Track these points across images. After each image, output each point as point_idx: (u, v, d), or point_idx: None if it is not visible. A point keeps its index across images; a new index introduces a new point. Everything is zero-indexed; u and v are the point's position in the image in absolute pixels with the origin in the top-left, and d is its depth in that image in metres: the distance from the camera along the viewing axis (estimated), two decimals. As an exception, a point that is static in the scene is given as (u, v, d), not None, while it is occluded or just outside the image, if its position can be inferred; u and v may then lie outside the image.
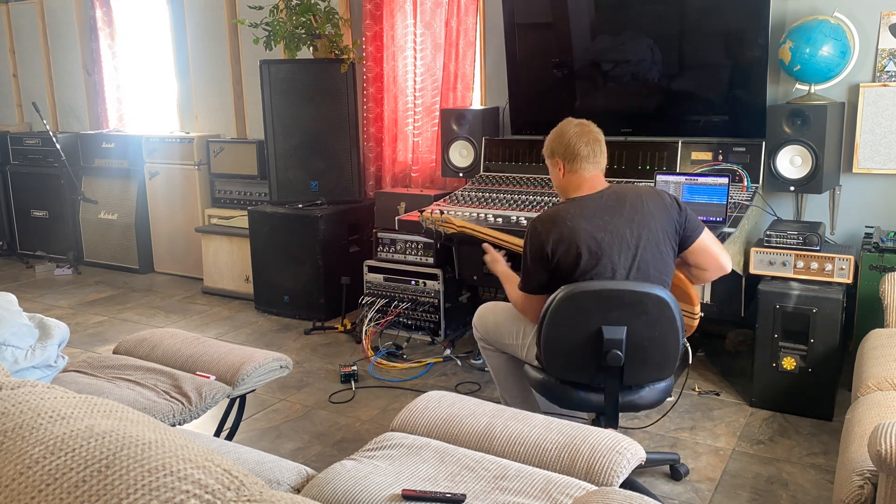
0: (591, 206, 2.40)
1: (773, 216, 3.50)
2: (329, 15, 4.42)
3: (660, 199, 2.44)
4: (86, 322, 4.60)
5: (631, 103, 3.86)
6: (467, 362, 3.76)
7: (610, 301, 2.26)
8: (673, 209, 2.43)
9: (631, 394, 2.39)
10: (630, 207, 2.39)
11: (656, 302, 2.25)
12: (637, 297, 2.25)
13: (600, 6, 3.85)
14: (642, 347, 2.29)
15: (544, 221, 2.42)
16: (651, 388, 2.41)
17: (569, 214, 2.39)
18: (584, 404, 2.44)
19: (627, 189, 2.52)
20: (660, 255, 2.39)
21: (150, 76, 6.09)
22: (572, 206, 2.42)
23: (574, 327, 2.30)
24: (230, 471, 1.07)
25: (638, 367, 2.32)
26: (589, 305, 2.28)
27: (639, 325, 2.26)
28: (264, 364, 2.48)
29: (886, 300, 2.79)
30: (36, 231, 6.24)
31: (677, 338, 2.30)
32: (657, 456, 2.73)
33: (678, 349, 2.33)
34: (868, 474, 1.73)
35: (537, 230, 2.42)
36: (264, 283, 4.65)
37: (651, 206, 2.41)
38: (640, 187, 2.52)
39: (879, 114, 3.40)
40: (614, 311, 2.26)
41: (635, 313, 2.26)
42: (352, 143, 4.57)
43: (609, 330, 2.25)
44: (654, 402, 2.47)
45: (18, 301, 2.45)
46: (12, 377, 1.36)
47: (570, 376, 2.41)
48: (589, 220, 2.36)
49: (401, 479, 1.71)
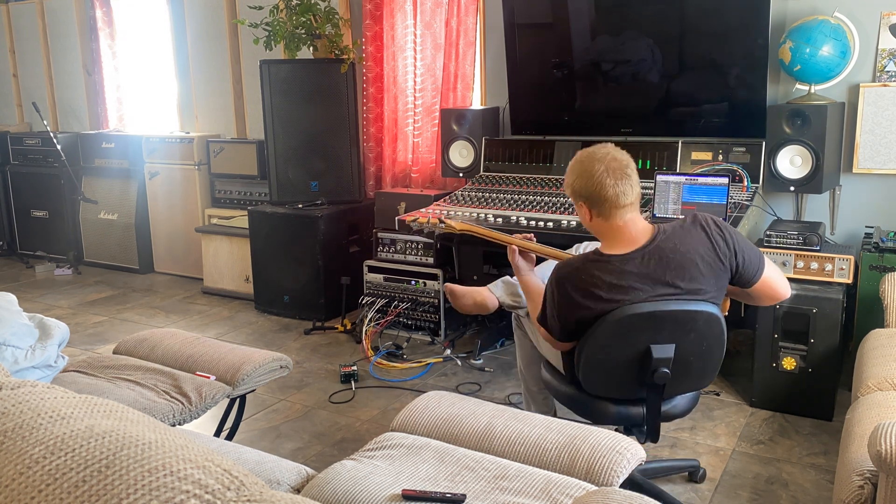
0: (628, 275, 2.07)
1: (773, 216, 3.50)
2: (329, 15, 4.42)
3: (711, 252, 2.11)
4: (86, 322, 4.60)
5: (631, 103, 3.86)
6: (467, 362, 3.76)
7: (662, 322, 2.11)
8: (727, 258, 2.13)
9: (666, 404, 2.30)
10: (674, 273, 2.08)
11: (707, 318, 2.13)
12: (689, 316, 2.11)
13: (600, 6, 3.85)
14: (687, 362, 2.18)
15: (571, 282, 2.12)
16: (682, 397, 2.33)
17: (602, 282, 2.08)
18: (621, 419, 2.31)
19: (672, 243, 2.10)
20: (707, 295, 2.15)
21: (150, 76, 6.09)
22: (605, 272, 2.09)
23: (621, 348, 2.15)
24: (230, 471, 1.07)
25: (680, 381, 2.23)
26: (639, 326, 2.11)
27: (687, 342, 2.15)
28: (264, 364, 2.48)
29: (886, 300, 2.79)
30: (36, 231, 6.24)
31: (722, 349, 2.21)
32: (677, 463, 2.73)
33: (721, 360, 2.24)
34: (868, 474, 1.73)
35: (560, 289, 2.14)
36: (264, 283, 4.65)
37: (702, 267, 2.10)
38: (687, 235, 2.12)
39: (879, 114, 3.40)
40: (665, 331, 2.13)
41: (685, 331, 2.13)
42: (352, 143, 4.57)
43: (658, 349, 2.12)
44: (686, 411, 2.37)
45: (18, 301, 2.45)
46: (12, 377, 1.36)
47: (613, 393, 2.28)
48: (625, 293, 2.08)
49: (401, 479, 1.71)
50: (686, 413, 2.40)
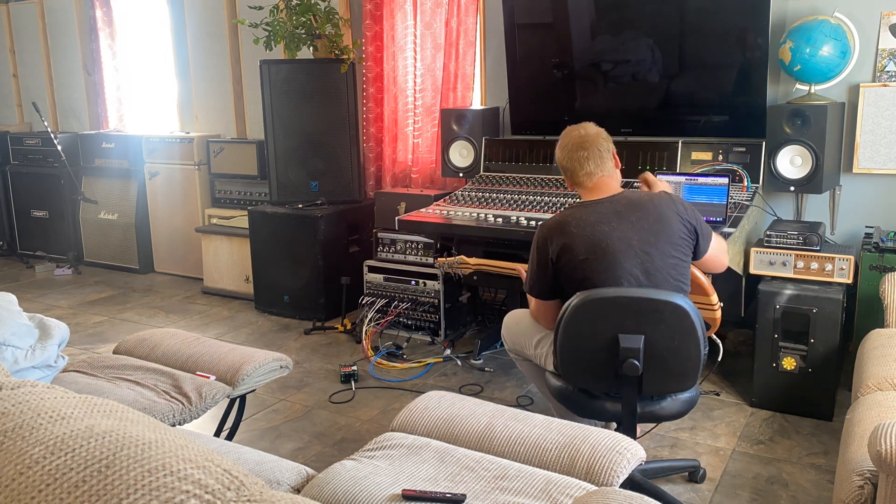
0: (598, 212, 2.36)
1: (773, 216, 3.50)
2: (329, 15, 4.42)
3: (672, 207, 2.39)
4: (86, 322, 4.60)
5: (631, 103, 3.86)
6: (467, 362, 3.76)
7: (626, 309, 2.19)
8: (686, 218, 2.38)
9: (652, 404, 2.32)
10: (640, 213, 2.34)
11: (674, 310, 2.17)
12: (654, 306, 2.18)
13: (600, 6, 3.85)
14: (661, 357, 2.20)
15: (550, 227, 2.42)
16: (673, 398, 2.33)
17: (574, 220, 2.36)
18: (602, 413, 2.37)
19: (639, 195, 2.44)
20: (673, 260, 2.33)
21: (150, 76, 6.09)
22: (578, 212, 2.39)
23: (590, 335, 2.24)
24: (230, 471, 1.07)
25: (657, 377, 2.24)
26: (604, 312, 2.21)
27: (657, 334, 2.18)
28: (264, 364, 2.48)
29: (886, 300, 2.79)
30: (36, 231, 6.24)
31: (698, 346, 2.21)
32: (677, 463, 2.73)
33: (700, 358, 2.23)
34: (868, 474, 1.73)
35: (542, 235, 2.42)
36: (264, 283, 4.65)
37: (664, 212, 2.36)
38: (651, 193, 2.46)
39: (879, 114, 3.40)
40: (630, 320, 2.18)
41: (653, 322, 2.18)
42: (352, 143, 4.57)
43: (625, 339, 2.18)
44: (678, 413, 2.38)
45: (18, 301, 2.45)
46: (12, 377, 1.36)
47: (588, 385, 2.35)
48: (593, 227, 2.33)
49: (401, 479, 1.71)
50: (677, 416, 2.41)
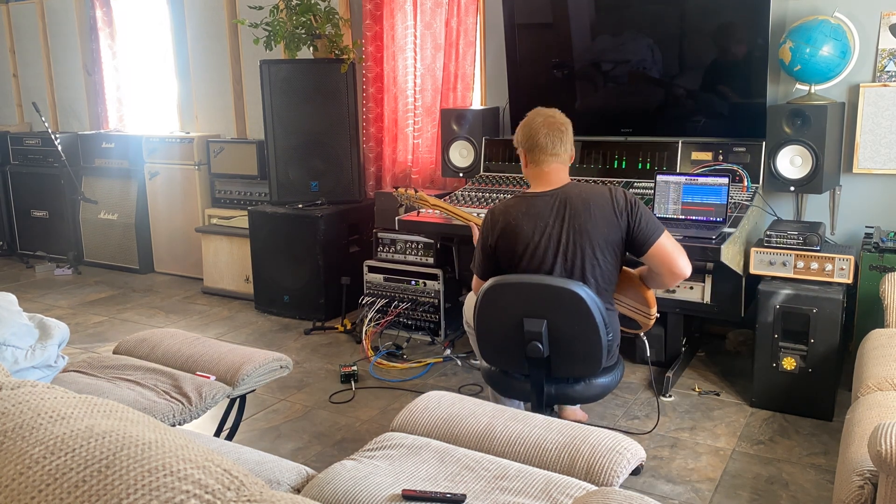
0: (537, 207, 2.45)
1: (773, 216, 3.50)
2: (329, 15, 4.42)
3: (608, 205, 2.39)
4: (86, 322, 4.60)
5: (631, 103, 3.86)
6: (467, 362, 3.76)
7: (529, 294, 2.37)
8: (623, 215, 2.39)
9: (567, 386, 2.48)
10: (572, 213, 2.40)
11: (571, 297, 2.30)
12: (554, 292, 2.33)
13: (600, 6, 3.85)
14: (566, 341, 2.37)
15: (495, 213, 2.52)
16: (588, 382, 2.49)
17: (515, 210, 2.46)
18: (519, 393, 2.58)
19: (579, 191, 2.45)
20: (596, 261, 2.40)
21: (150, 76, 6.09)
22: (522, 204, 2.48)
23: (499, 318, 2.43)
24: (230, 471, 1.07)
25: (564, 361, 2.41)
26: (510, 297, 2.40)
27: (559, 320, 2.34)
28: (264, 364, 2.48)
29: (886, 300, 2.79)
30: (36, 231, 6.24)
31: (598, 334, 2.33)
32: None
33: (601, 346, 2.36)
34: (868, 474, 1.73)
35: (488, 219, 2.54)
36: (264, 283, 4.65)
37: (595, 213, 2.39)
38: (593, 190, 2.46)
39: (879, 114, 3.40)
40: (533, 305, 2.35)
41: (553, 307, 2.34)
42: (352, 143, 4.57)
43: (529, 322, 2.35)
44: (594, 397, 2.55)
45: (18, 301, 2.45)
46: (12, 377, 1.36)
47: (502, 365, 2.56)
48: (531, 221, 2.43)
49: (401, 479, 1.71)
50: (594, 399, 2.57)
